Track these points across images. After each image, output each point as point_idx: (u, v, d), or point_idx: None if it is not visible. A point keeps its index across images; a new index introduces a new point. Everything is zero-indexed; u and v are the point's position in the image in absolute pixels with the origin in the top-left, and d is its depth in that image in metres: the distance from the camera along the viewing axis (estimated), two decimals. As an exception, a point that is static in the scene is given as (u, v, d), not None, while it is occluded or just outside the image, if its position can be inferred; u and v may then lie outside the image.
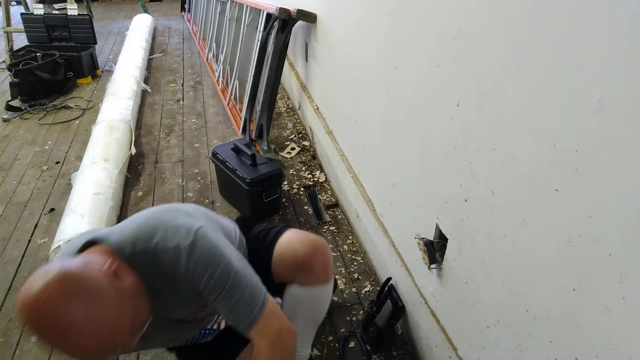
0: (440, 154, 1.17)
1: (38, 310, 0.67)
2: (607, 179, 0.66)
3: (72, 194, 2.11)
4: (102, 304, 0.72)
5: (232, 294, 0.90)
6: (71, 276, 0.71)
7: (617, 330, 0.68)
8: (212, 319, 1.17)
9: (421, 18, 1.20)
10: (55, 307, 0.67)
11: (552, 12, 0.73)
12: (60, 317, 0.68)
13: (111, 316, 0.73)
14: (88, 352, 0.71)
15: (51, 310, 0.67)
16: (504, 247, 0.94)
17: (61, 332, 0.68)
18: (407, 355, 1.53)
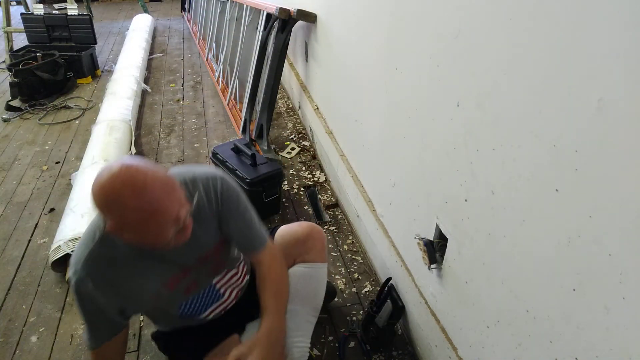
0: (440, 154, 1.17)
1: (121, 181, 0.84)
2: (607, 179, 0.66)
3: (72, 194, 2.11)
4: (162, 176, 0.90)
5: (251, 217, 1.16)
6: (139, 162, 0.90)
7: (617, 330, 0.68)
8: (223, 271, 1.21)
9: (421, 18, 1.20)
10: (131, 170, 0.86)
11: (552, 12, 0.73)
12: (137, 175, 0.86)
13: (170, 183, 0.90)
14: (160, 208, 0.86)
15: (130, 174, 0.85)
16: (504, 247, 0.94)
17: (139, 186, 0.84)
18: (407, 355, 1.53)
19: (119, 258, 1.01)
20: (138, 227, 0.88)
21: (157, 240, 0.91)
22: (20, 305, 1.73)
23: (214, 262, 1.16)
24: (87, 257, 0.99)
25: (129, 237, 0.90)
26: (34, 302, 1.74)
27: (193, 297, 1.17)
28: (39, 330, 1.63)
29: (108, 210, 0.87)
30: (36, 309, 1.71)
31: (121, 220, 0.86)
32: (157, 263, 1.05)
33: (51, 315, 1.69)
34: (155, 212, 0.86)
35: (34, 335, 1.61)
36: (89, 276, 0.99)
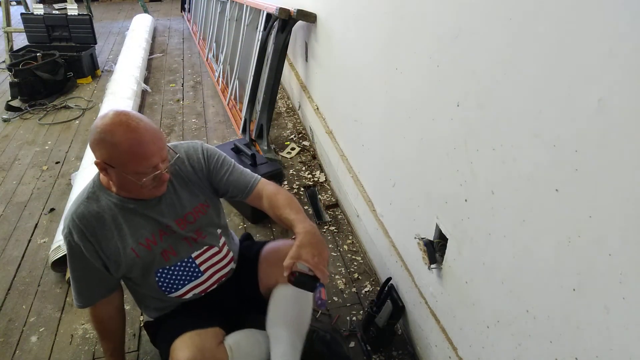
0: (440, 154, 1.17)
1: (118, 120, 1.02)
2: (607, 179, 0.66)
3: (72, 194, 2.11)
4: (153, 125, 1.07)
5: (237, 167, 1.30)
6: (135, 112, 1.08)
7: (617, 330, 0.68)
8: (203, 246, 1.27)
9: (421, 18, 1.20)
10: (127, 115, 1.04)
11: (552, 12, 0.73)
12: (133, 116, 1.04)
13: (158, 132, 1.07)
14: (154, 136, 1.04)
15: (126, 115, 1.04)
16: (504, 247, 0.94)
17: (136, 123, 1.02)
18: (407, 355, 1.53)
19: (103, 212, 1.13)
20: (123, 159, 1.02)
21: (137, 176, 1.05)
22: (20, 305, 1.73)
23: (193, 229, 1.23)
24: (75, 211, 1.12)
25: (112, 175, 1.06)
26: (34, 302, 1.74)
27: (171, 267, 1.22)
28: (39, 330, 1.63)
29: (101, 144, 1.02)
30: (36, 309, 1.71)
31: (110, 151, 1.02)
32: (138, 219, 1.16)
33: (51, 315, 1.69)
34: (143, 144, 1.02)
35: (34, 335, 1.61)
36: (75, 228, 1.11)
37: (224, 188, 1.29)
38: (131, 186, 1.09)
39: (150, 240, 1.18)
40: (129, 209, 1.15)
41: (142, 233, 1.17)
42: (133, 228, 1.16)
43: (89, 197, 1.14)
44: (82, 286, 1.18)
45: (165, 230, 1.20)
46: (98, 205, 1.13)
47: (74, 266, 1.16)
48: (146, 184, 1.07)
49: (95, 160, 1.05)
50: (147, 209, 1.17)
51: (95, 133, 1.02)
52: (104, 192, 1.14)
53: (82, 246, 1.12)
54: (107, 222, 1.13)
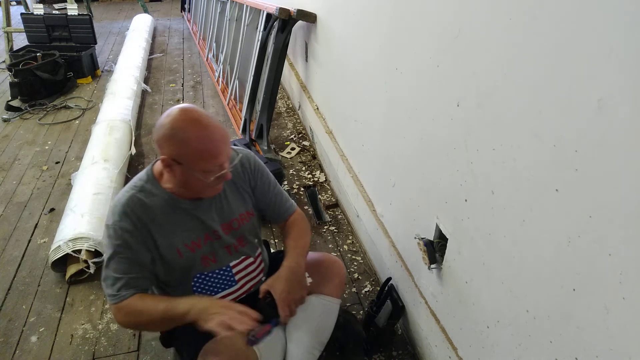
0: (440, 154, 1.17)
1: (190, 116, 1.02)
2: (607, 179, 0.66)
3: (72, 194, 2.11)
4: (221, 125, 1.07)
5: (278, 187, 1.32)
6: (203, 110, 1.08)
7: (617, 330, 0.68)
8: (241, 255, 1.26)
9: (421, 18, 1.20)
10: (198, 112, 1.04)
11: (552, 12, 0.73)
12: (202, 113, 1.04)
13: (226, 133, 1.06)
14: (223, 134, 1.04)
15: (197, 112, 1.04)
16: (504, 247, 0.94)
17: (207, 121, 1.03)
18: (407, 355, 1.53)
19: (154, 207, 1.10)
20: (193, 156, 1.01)
21: (203, 174, 1.03)
22: (20, 305, 1.73)
23: (236, 236, 1.23)
24: (127, 201, 1.08)
25: (177, 172, 1.04)
26: (34, 302, 1.74)
27: (209, 273, 1.21)
28: (39, 330, 1.63)
29: (170, 140, 1.01)
30: (36, 309, 1.71)
31: (180, 148, 1.00)
32: (187, 219, 1.14)
33: (51, 315, 1.69)
34: (213, 142, 1.02)
35: (34, 335, 1.61)
36: (127, 216, 1.07)
37: (262, 205, 1.29)
38: (194, 184, 1.07)
39: (195, 243, 1.16)
40: (181, 208, 1.13)
41: (189, 235, 1.15)
42: (181, 228, 1.14)
43: (141, 190, 1.10)
44: (123, 278, 1.09)
45: (211, 234, 1.18)
46: (150, 199, 1.10)
47: (119, 257, 1.08)
48: (211, 183, 1.06)
49: (161, 156, 1.03)
50: (198, 211, 1.15)
51: (165, 129, 1.01)
52: (157, 187, 1.12)
53: (133, 235, 1.07)
54: (158, 216, 1.10)
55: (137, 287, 1.11)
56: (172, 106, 1.08)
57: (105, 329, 1.63)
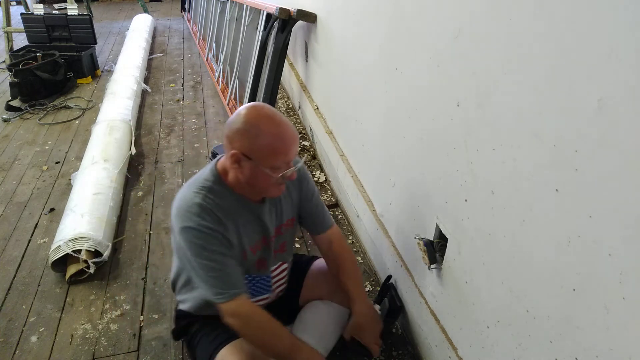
0: (440, 154, 1.17)
1: (264, 113, 1.03)
2: (607, 179, 0.66)
3: (72, 194, 2.11)
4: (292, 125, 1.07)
5: (319, 198, 1.33)
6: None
7: (617, 330, 0.68)
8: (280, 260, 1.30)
9: (421, 18, 1.20)
10: (272, 110, 1.05)
11: (552, 12, 0.73)
12: (275, 111, 1.06)
13: (296, 132, 1.07)
14: (294, 132, 1.05)
15: (270, 109, 1.05)
16: (504, 247, 0.94)
17: (280, 118, 1.04)
18: (407, 355, 1.53)
19: (226, 207, 1.09)
20: (265, 152, 1.02)
21: (272, 171, 1.04)
22: (20, 305, 1.73)
23: (280, 241, 1.26)
24: (202, 201, 1.06)
25: (246, 169, 1.04)
26: (34, 302, 1.74)
27: (254, 277, 1.22)
28: (39, 330, 1.63)
29: (243, 135, 1.01)
30: (36, 309, 1.71)
31: (253, 143, 1.01)
32: (253, 221, 1.15)
33: (51, 315, 1.69)
34: (286, 139, 1.03)
35: (34, 335, 1.61)
36: (209, 215, 1.05)
37: (303, 213, 1.30)
38: (261, 181, 1.06)
39: (257, 245, 1.17)
40: (249, 209, 1.13)
41: (254, 237, 1.16)
42: (249, 229, 1.14)
43: (210, 190, 1.08)
44: (226, 273, 1.06)
45: (267, 238, 1.19)
46: (220, 200, 1.09)
47: (210, 255, 1.05)
48: (277, 180, 1.06)
49: (232, 151, 1.03)
50: (262, 213, 1.15)
51: (238, 124, 1.02)
52: (226, 187, 1.11)
53: (219, 232, 1.06)
54: (230, 217, 1.09)
55: (241, 285, 1.09)
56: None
57: (105, 329, 1.63)
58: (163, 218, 2.22)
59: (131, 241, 2.06)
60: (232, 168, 1.07)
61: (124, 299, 1.75)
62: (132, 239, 2.07)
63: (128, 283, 1.83)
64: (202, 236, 1.04)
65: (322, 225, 1.32)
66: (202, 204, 1.06)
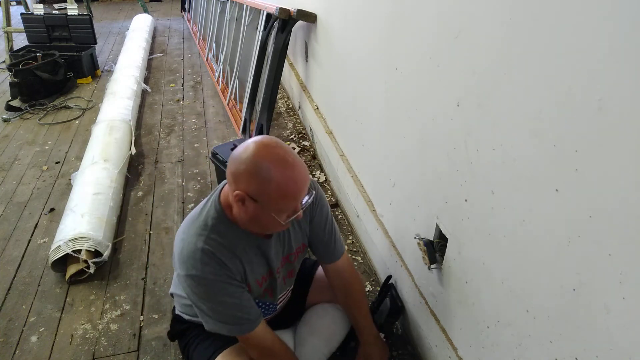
0: (440, 154, 1.17)
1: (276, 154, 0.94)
2: (607, 179, 0.66)
3: (72, 194, 2.11)
4: (303, 163, 0.99)
5: (335, 227, 1.27)
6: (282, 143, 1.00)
7: (617, 330, 0.68)
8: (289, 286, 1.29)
9: (421, 18, 1.20)
10: (282, 147, 0.96)
11: (552, 12, 0.73)
12: (287, 150, 0.96)
13: (307, 171, 0.99)
14: (306, 175, 0.97)
15: (282, 148, 0.95)
16: (504, 247, 0.94)
17: (292, 159, 0.95)
18: (407, 355, 1.53)
19: (230, 246, 1.04)
20: (273, 197, 0.94)
21: (278, 214, 0.97)
22: (20, 305, 1.73)
23: (289, 269, 1.22)
24: (205, 245, 1.01)
25: (250, 209, 0.97)
26: (34, 302, 1.74)
27: (259, 302, 1.20)
28: (39, 330, 1.63)
29: (251, 177, 0.93)
30: (36, 309, 1.71)
31: (261, 187, 0.93)
32: (257, 256, 1.10)
33: (51, 315, 1.69)
34: (298, 183, 0.95)
35: (34, 335, 1.61)
36: (212, 260, 1.01)
37: (314, 240, 1.23)
38: (266, 222, 1.00)
39: (264, 279, 1.14)
40: (254, 245, 1.09)
41: (259, 271, 1.12)
42: (253, 265, 1.10)
43: (214, 230, 1.03)
44: (239, 310, 1.05)
45: (273, 271, 1.15)
46: (225, 240, 1.03)
47: (222, 298, 1.03)
48: (284, 223, 1.00)
49: (236, 191, 0.95)
50: (266, 248, 1.11)
51: (246, 164, 0.93)
52: (230, 225, 1.05)
53: (224, 273, 1.02)
54: (234, 256, 1.05)
55: (255, 315, 1.08)
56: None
57: (105, 329, 1.63)
58: (163, 218, 2.22)
59: (131, 241, 2.06)
60: (235, 205, 1.01)
61: (124, 299, 1.75)
62: (132, 239, 2.07)
63: (128, 283, 1.83)
64: (208, 283, 1.01)
65: (333, 255, 1.26)
66: (205, 249, 1.00)
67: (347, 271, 1.29)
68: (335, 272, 1.29)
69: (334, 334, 1.35)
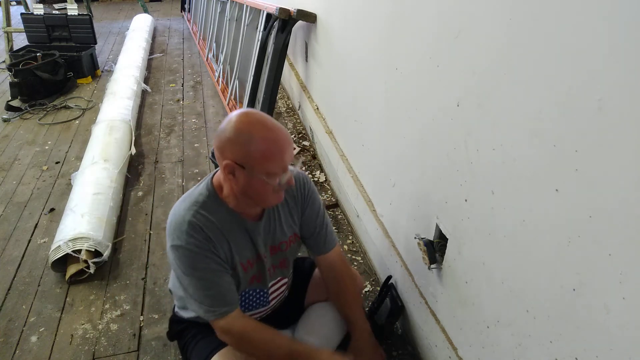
0: (440, 154, 1.17)
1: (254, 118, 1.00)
2: (607, 179, 0.66)
3: (72, 194, 2.11)
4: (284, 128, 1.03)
5: (327, 220, 1.29)
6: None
7: (617, 330, 0.68)
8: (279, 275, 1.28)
9: (421, 18, 1.20)
10: (261, 115, 1.02)
11: (552, 12, 0.73)
12: (265, 115, 1.02)
13: (289, 135, 1.03)
14: (286, 135, 1.02)
15: (259, 114, 1.02)
16: (504, 247, 0.94)
17: (271, 122, 1.00)
18: (407, 355, 1.53)
19: (218, 223, 1.07)
20: (258, 157, 0.98)
21: (268, 177, 1.00)
22: (20, 305, 1.73)
23: (280, 258, 1.23)
24: (192, 218, 1.04)
25: (240, 179, 1.01)
26: (34, 302, 1.74)
27: (250, 291, 1.21)
28: (39, 330, 1.63)
29: (234, 144, 0.98)
30: (36, 309, 1.71)
31: (245, 150, 0.97)
32: (245, 238, 1.12)
33: (51, 315, 1.69)
34: (279, 142, 0.99)
35: (34, 335, 1.61)
36: (198, 233, 1.03)
37: (305, 232, 1.26)
38: (257, 189, 1.03)
39: (250, 262, 1.16)
40: (241, 226, 1.11)
41: (246, 254, 1.14)
42: (240, 246, 1.12)
43: (203, 206, 1.06)
44: (217, 291, 1.07)
45: (261, 256, 1.17)
46: (213, 216, 1.06)
47: (199, 274, 1.05)
48: (276, 188, 1.03)
49: (224, 162, 1.00)
50: (255, 232, 1.13)
51: (228, 132, 0.98)
52: (219, 202, 1.08)
53: (207, 250, 1.05)
54: (221, 234, 1.07)
55: (232, 302, 1.09)
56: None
57: (105, 329, 1.63)
58: (163, 218, 2.22)
59: (131, 241, 2.06)
60: (226, 180, 1.05)
61: (124, 299, 1.75)
62: (132, 239, 2.07)
63: (128, 283, 1.83)
64: (190, 255, 1.04)
65: (324, 246, 1.28)
66: (192, 222, 1.03)
67: (338, 265, 1.30)
68: (327, 266, 1.31)
69: (333, 334, 1.35)
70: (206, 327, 1.21)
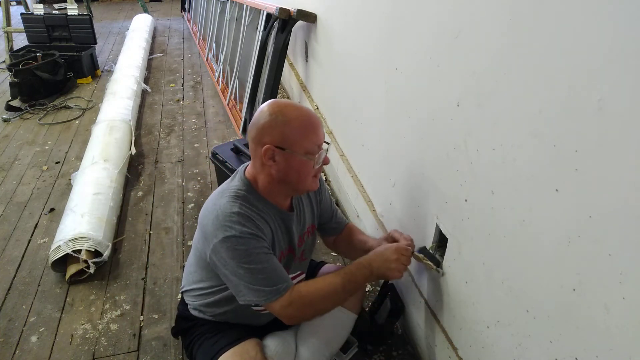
0: (440, 154, 1.17)
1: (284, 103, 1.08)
2: (607, 179, 0.66)
3: (72, 194, 2.11)
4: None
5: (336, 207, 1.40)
6: None
7: (617, 330, 0.68)
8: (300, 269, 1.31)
9: (421, 18, 1.20)
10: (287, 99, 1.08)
11: (552, 12, 0.73)
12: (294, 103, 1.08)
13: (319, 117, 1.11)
14: (315, 113, 1.09)
15: (286, 99, 1.12)
16: (504, 247, 0.94)
17: (300, 104, 1.08)
18: (407, 355, 1.53)
19: (261, 215, 1.10)
20: (296, 135, 1.03)
21: (307, 156, 1.05)
22: (20, 305, 1.73)
23: (301, 250, 1.26)
24: (240, 209, 1.06)
25: (280, 162, 1.05)
26: (34, 302, 1.74)
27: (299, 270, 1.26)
28: (39, 330, 1.63)
29: (272, 127, 1.03)
30: (36, 309, 1.71)
31: (283, 130, 1.03)
32: (282, 229, 1.16)
33: (51, 315, 1.69)
34: (312, 119, 1.06)
35: (34, 335, 1.61)
36: (249, 222, 1.05)
37: (324, 219, 1.35)
38: (299, 171, 1.07)
39: (283, 254, 1.18)
40: (281, 218, 1.15)
41: (281, 245, 1.17)
42: (279, 236, 1.15)
43: (245, 199, 1.08)
44: (274, 271, 1.07)
45: (293, 247, 1.20)
46: (255, 208, 1.09)
47: (255, 258, 1.04)
48: (315, 170, 1.09)
49: (264, 147, 1.04)
50: (291, 222, 1.18)
51: (263, 119, 1.04)
52: (258, 195, 1.11)
53: (260, 235, 1.06)
54: (265, 225, 1.10)
55: (288, 278, 1.09)
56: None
57: (105, 329, 1.63)
58: (163, 218, 2.22)
59: (131, 241, 2.06)
60: (266, 166, 1.07)
61: (124, 299, 1.75)
62: (132, 239, 2.07)
63: (128, 283, 1.83)
64: (245, 242, 1.03)
65: (342, 222, 1.39)
66: (241, 212, 1.05)
67: (355, 228, 1.41)
68: (346, 234, 1.39)
69: (336, 336, 1.35)
70: (215, 326, 1.22)
